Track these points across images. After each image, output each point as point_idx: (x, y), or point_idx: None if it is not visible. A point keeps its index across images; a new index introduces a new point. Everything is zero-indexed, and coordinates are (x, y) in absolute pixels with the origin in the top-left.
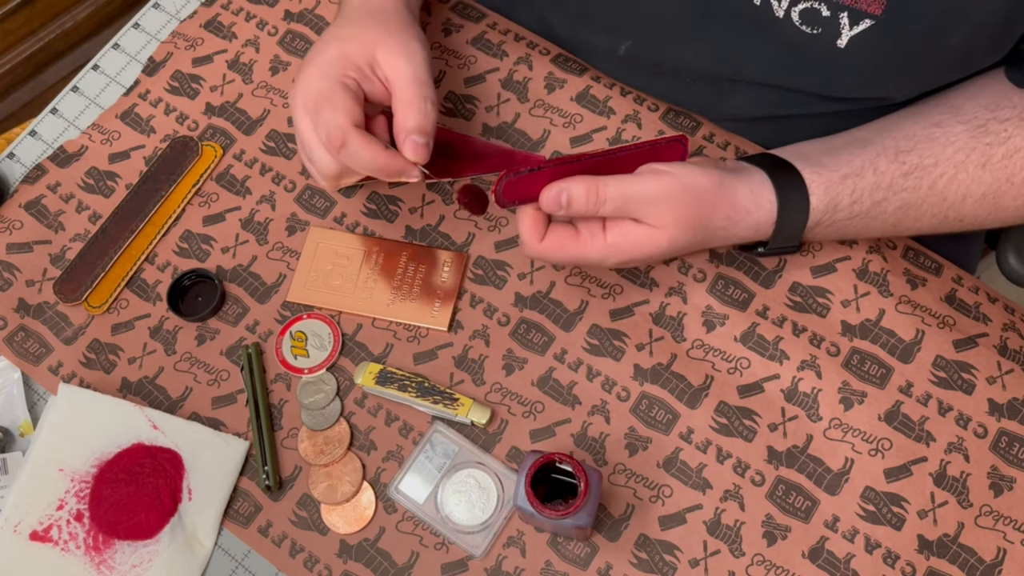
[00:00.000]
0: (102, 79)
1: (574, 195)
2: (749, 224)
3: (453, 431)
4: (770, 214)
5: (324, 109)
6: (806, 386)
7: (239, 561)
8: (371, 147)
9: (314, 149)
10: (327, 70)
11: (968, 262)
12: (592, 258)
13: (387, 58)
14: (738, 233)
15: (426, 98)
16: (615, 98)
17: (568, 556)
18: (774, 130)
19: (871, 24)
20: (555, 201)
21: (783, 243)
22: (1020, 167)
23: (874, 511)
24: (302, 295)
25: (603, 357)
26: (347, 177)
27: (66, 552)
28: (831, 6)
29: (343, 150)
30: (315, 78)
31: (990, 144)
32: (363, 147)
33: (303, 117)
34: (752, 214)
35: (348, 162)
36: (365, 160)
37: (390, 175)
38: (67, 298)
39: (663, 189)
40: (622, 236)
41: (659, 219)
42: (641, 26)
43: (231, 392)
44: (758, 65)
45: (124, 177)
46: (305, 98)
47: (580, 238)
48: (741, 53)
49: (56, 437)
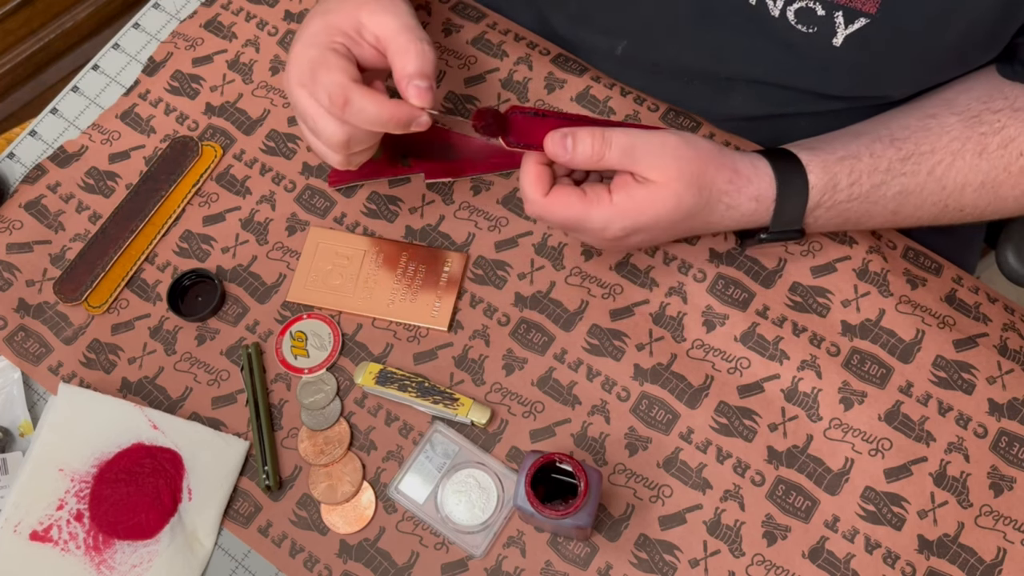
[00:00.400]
0: (102, 79)
1: (580, 138)
2: (751, 194)
3: (453, 431)
4: (770, 188)
5: (319, 73)
6: (806, 386)
7: (239, 561)
8: (375, 98)
9: (317, 119)
10: (314, 40)
11: (967, 261)
12: (595, 221)
13: (371, 17)
14: (740, 204)
15: (421, 39)
16: (615, 98)
17: (568, 556)
18: (772, 129)
19: (866, 23)
20: (560, 144)
21: (785, 226)
22: (1016, 156)
23: (874, 511)
24: (302, 295)
25: (603, 357)
26: (356, 144)
27: (66, 552)
28: (826, 5)
29: (347, 108)
30: (304, 51)
31: (984, 134)
32: (367, 99)
33: (300, 91)
34: (753, 182)
35: (354, 119)
36: (371, 113)
37: (399, 125)
38: (67, 298)
39: (667, 141)
40: (627, 197)
41: (664, 172)
42: (639, 26)
43: (231, 392)
44: (755, 64)
45: (124, 177)
46: (299, 72)
47: (586, 198)
48: (738, 52)
49: (56, 437)
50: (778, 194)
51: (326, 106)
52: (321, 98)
